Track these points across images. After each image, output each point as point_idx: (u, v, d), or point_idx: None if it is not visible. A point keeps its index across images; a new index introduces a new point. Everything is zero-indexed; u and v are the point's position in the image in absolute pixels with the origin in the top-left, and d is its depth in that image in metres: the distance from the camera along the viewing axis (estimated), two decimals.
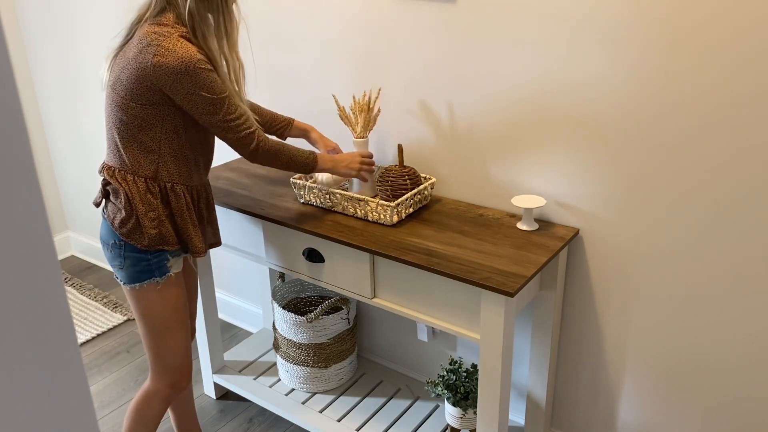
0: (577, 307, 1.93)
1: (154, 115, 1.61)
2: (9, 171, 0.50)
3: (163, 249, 1.69)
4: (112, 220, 1.67)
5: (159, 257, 1.70)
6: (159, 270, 1.71)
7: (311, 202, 1.96)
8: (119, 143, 1.65)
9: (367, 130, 1.93)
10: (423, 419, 2.21)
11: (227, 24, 1.64)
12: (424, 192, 1.92)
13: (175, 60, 1.54)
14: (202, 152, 1.74)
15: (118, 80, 1.61)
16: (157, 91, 1.58)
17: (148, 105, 1.60)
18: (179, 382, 1.84)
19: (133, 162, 1.65)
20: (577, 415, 2.07)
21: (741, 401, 1.74)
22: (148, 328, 1.76)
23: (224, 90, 1.61)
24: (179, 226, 1.70)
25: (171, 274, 1.74)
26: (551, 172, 1.83)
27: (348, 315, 2.30)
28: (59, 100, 3.21)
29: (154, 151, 1.64)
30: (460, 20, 1.82)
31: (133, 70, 1.58)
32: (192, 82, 1.55)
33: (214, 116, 1.61)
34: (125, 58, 1.60)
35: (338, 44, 2.10)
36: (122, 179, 1.65)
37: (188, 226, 1.71)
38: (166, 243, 1.69)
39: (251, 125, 1.67)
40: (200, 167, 1.75)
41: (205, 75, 1.56)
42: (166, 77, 1.55)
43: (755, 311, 1.64)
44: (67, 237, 3.60)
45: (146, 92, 1.58)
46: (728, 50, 1.47)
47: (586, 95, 1.69)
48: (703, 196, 1.61)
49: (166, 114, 1.62)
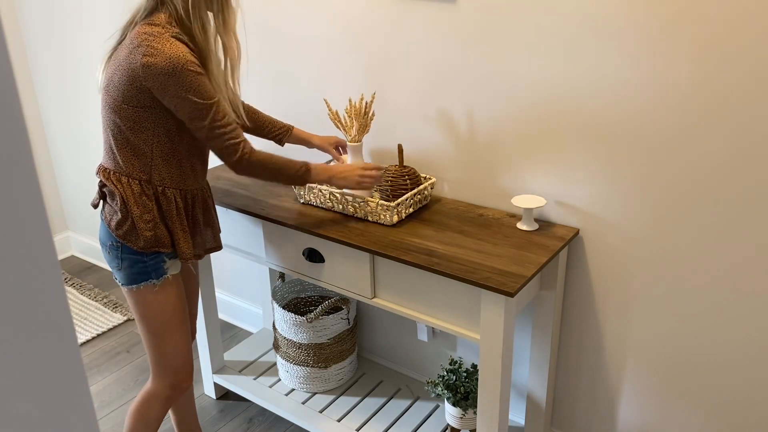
0: (577, 307, 1.93)
1: (146, 118, 1.60)
2: (9, 171, 0.50)
3: (159, 251, 1.69)
4: (109, 222, 1.67)
5: (155, 259, 1.70)
6: (156, 272, 1.71)
7: (311, 202, 1.96)
8: (113, 145, 1.65)
9: (362, 134, 1.93)
10: (423, 419, 2.21)
11: (225, 13, 1.62)
12: (424, 192, 1.92)
13: (163, 60, 1.52)
14: (197, 156, 1.72)
15: (110, 82, 1.60)
16: (147, 92, 1.56)
17: (140, 107, 1.58)
18: (180, 383, 1.84)
19: (127, 164, 1.64)
20: (577, 415, 2.07)
21: (741, 401, 1.74)
22: (147, 330, 1.76)
23: (213, 96, 1.58)
24: (170, 229, 1.70)
25: (168, 276, 1.73)
26: (551, 172, 1.83)
27: (348, 315, 2.30)
28: (59, 100, 3.21)
29: (147, 154, 1.63)
30: (460, 20, 1.82)
31: (124, 72, 1.56)
32: (179, 84, 1.53)
33: (200, 121, 1.58)
34: (117, 60, 1.59)
35: (338, 45, 2.10)
36: (117, 181, 1.65)
37: (177, 230, 1.70)
38: (162, 245, 1.68)
39: (238, 135, 1.64)
40: (196, 171, 1.73)
41: (193, 77, 1.54)
42: (154, 78, 1.53)
43: (755, 311, 1.64)
44: (67, 237, 3.60)
45: (137, 94, 1.57)
46: (729, 50, 1.47)
47: (587, 96, 1.69)
48: (703, 195, 1.61)
49: (158, 117, 1.60)
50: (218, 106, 1.59)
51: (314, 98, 2.21)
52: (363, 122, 1.91)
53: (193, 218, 1.75)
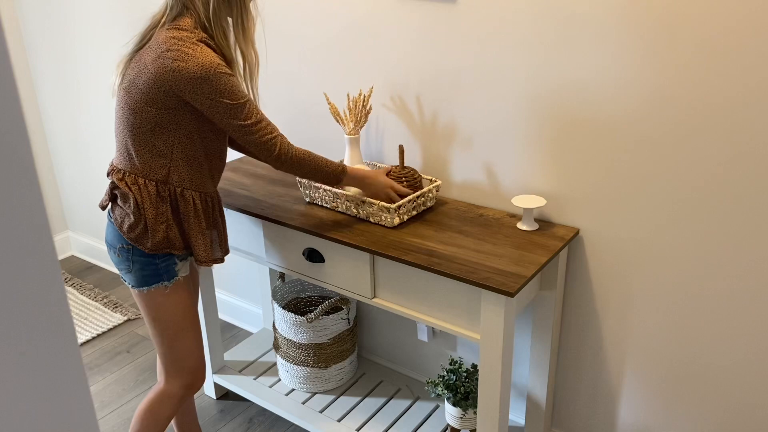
0: (577, 307, 1.93)
1: (169, 120, 1.60)
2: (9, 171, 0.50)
3: (171, 252, 1.70)
4: (120, 224, 1.67)
5: (167, 261, 1.70)
6: (167, 274, 1.71)
7: (316, 201, 1.96)
8: (131, 146, 1.64)
9: (359, 127, 1.95)
10: (423, 419, 2.21)
11: (244, 20, 1.64)
12: (428, 194, 1.91)
13: (195, 65, 1.53)
14: (216, 159, 1.73)
15: (133, 84, 1.60)
16: (173, 95, 1.57)
17: (164, 109, 1.59)
18: (194, 383, 1.85)
19: (144, 165, 1.64)
20: (577, 415, 2.07)
21: (741, 401, 1.74)
22: (159, 331, 1.77)
23: (245, 95, 1.61)
24: (186, 231, 1.70)
25: (179, 278, 1.74)
26: (551, 172, 1.83)
27: (348, 315, 2.30)
28: (59, 100, 3.21)
29: (166, 155, 1.63)
30: (460, 20, 1.82)
31: (151, 75, 1.57)
32: (212, 88, 1.55)
33: (234, 120, 1.60)
34: (141, 63, 1.60)
35: (337, 44, 2.10)
36: (132, 183, 1.65)
37: (194, 232, 1.70)
38: (174, 247, 1.69)
39: (273, 130, 1.66)
40: (214, 175, 1.74)
41: (225, 80, 1.56)
42: (185, 82, 1.54)
43: (756, 311, 1.64)
44: (67, 237, 3.60)
45: (163, 96, 1.57)
46: (730, 50, 1.47)
47: (587, 95, 1.69)
48: (704, 195, 1.61)
49: (180, 119, 1.61)
50: (250, 104, 1.62)
51: (311, 96, 2.21)
52: (360, 115, 1.94)
53: (213, 221, 1.75)
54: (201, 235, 1.71)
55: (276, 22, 2.21)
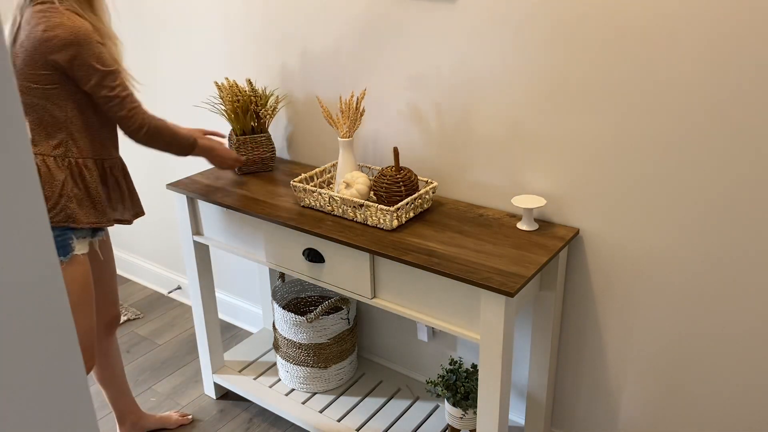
0: (577, 307, 1.93)
1: (57, 95, 1.67)
2: (9, 171, 0.50)
3: (68, 227, 1.73)
4: None
5: (63, 235, 1.73)
6: (63, 249, 1.74)
7: (311, 206, 1.96)
8: (30, 123, 1.70)
9: (353, 130, 1.95)
10: (423, 419, 2.21)
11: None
12: (424, 196, 1.91)
13: (64, 31, 1.61)
14: (110, 128, 1.80)
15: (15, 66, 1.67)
16: (50, 67, 1.64)
17: (48, 85, 1.66)
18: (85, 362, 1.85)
19: (40, 141, 1.70)
20: (577, 415, 2.07)
21: (741, 401, 1.74)
22: None
23: (113, 64, 1.69)
24: (95, 199, 1.76)
25: (76, 254, 1.76)
26: (551, 172, 1.83)
27: (348, 315, 2.30)
28: None
29: (62, 129, 1.70)
30: (459, 20, 1.82)
31: (26, 51, 1.64)
32: (83, 52, 1.62)
33: (102, 89, 1.67)
34: (19, 44, 1.66)
35: (337, 44, 2.10)
36: (37, 156, 1.71)
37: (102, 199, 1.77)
38: (72, 221, 1.72)
39: (136, 101, 1.74)
40: (115, 141, 1.82)
41: (94, 46, 1.64)
42: (57, 49, 1.61)
43: (756, 311, 1.64)
44: None
45: (41, 70, 1.64)
46: (731, 49, 1.47)
47: (587, 95, 1.69)
48: (704, 195, 1.61)
49: (67, 93, 1.68)
50: (119, 73, 1.70)
51: (309, 96, 2.21)
52: (353, 118, 1.94)
53: (116, 184, 1.83)
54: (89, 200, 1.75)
55: (276, 22, 2.21)
